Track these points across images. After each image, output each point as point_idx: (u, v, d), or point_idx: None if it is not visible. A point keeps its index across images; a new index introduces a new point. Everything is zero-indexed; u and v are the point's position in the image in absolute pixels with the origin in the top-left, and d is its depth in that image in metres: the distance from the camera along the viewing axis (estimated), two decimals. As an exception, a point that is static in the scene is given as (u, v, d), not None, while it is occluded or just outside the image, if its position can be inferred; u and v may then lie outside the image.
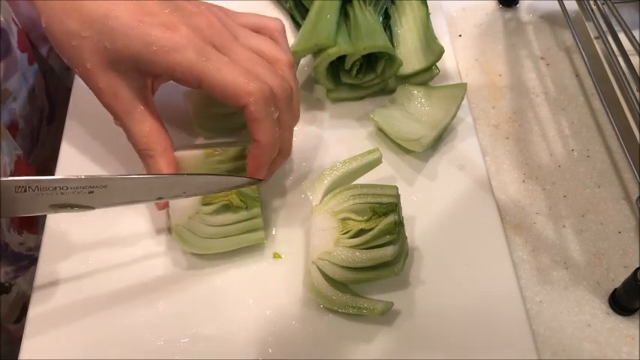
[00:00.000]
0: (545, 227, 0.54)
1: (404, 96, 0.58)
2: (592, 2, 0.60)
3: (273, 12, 0.67)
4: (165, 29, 0.43)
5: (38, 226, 0.50)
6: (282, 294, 0.48)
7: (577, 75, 0.65)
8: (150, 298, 0.47)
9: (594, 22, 0.58)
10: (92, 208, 0.43)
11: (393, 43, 0.59)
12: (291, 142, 0.50)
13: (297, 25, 0.65)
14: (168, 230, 0.51)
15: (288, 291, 0.48)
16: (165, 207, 0.49)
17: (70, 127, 0.57)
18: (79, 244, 0.50)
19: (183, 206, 0.47)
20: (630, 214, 0.54)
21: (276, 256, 0.50)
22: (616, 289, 0.49)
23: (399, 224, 0.46)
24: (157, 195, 0.45)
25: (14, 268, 0.58)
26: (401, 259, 0.46)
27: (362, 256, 0.45)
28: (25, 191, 0.41)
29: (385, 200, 0.47)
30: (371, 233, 0.45)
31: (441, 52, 0.57)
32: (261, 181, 0.47)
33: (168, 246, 0.50)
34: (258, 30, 0.50)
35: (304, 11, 0.62)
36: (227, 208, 0.48)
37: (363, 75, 0.58)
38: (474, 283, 0.48)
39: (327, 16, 0.56)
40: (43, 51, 0.65)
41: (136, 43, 0.43)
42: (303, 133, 0.57)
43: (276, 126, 0.46)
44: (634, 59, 0.54)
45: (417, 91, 0.58)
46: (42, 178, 0.41)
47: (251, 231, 0.49)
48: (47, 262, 0.49)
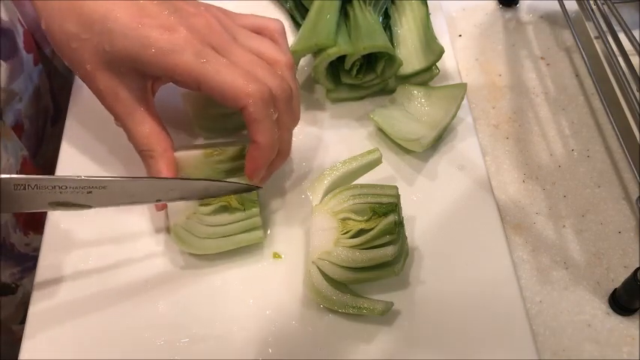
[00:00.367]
0: (545, 227, 0.54)
1: (404, 96, 0.58)
2: (592, 2, 0.60)
3: (273, 12, 0.67)
4: (163, 31, 0.43)
5: (43, 227, 0.50)
6: (282, 294, 0.48)
7: (577, 75, 0.65)
8: (150, 298, 0.47)
9: (594, 22, 0.58)
10: (90, 207, 0.43)
11: (393, 43, 0.59)
12: (290, 143, 0.50)
13: (297, 25, 0.65)
14: (167, 230, 0.51)
15: (288, 291, 0.48)
16: (164, 208, 0.49)
17: (70, 126, 0.57)
18: (79, 244, 0.50)
19: (181, 207, 0.47)
20: (630, 214, 0.54)
21: (276, 256, 0.50)
22: (616, 289, 0.49)
23: (399, 224, 0.46)
24: (155, 197, 0.45)
25: (20, 269, 0.58)
26: (401, 259, 0.46)
27: (362, 256, 0.45)
28: (24, 189, 0.41)
29: (385, 200, 0.47)
30: (371, 233, 0.45)
31: (441, 52, 0.57)
32: (259, 188, 0.48)
33: (168, 246, 0.50)
34: (257, 31, 0.50)
35: (304, 11, 0.62)
36: (225, 208, 0.48)
37: (363, 75, 0.58)
38: (474, 283, 0.48)
39: (327, 16, 0.56)
40: (48, 51, 0.65)
41: (135, 45, 0.43)
42: (303, 133, 0.57)
43: (275, 127, 0.46)
44: (634, 59, 0.54)
45: (417, 91, 0.58)
46: (41, 177, 0.41)
47: (249, 230, 0.49)
48: (47, 262, 0.49)
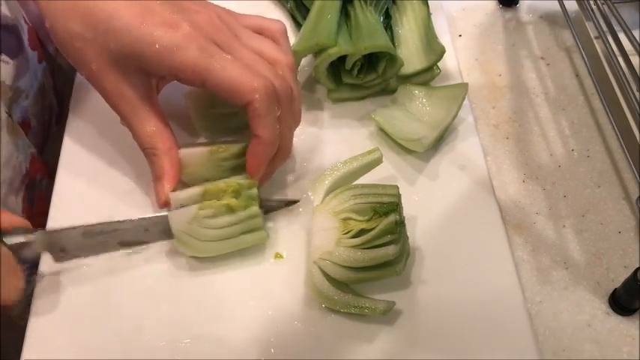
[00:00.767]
0: (545, 227, 0.54)
1: (405, 96, 0.58)
2: (592, 2, 0.60)
3: (274, 12, 0.67)
4: (167, 28, 0.43)
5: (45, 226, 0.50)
6: (283, 294, 0.48)
7: (577, 75, 0.65)
8: (152, 298, 0.47)
9: (594, 22, 0.59)
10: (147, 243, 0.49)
11: (394, 43, 0.59)
12: (291, 142, 0.50)
13: (298, 25, 0.65)
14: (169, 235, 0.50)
15: (289, 291, 0.48)
16: (166, 205, 0.49)
17: (71, 125, 0.57)
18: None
19: (181, 212, 0.47)
20: (630, 214, 0.55)
21: (278, 256, 0.50)
22: (616, 289, 0.49)
23: (400, 224, 0.46)
24: None
25: (28, 265, 0.58)
26: (402, 258, 0.46)
27: (363, 256, 0.45)
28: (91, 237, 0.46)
29: (386, 200, 0.47)
30: (372, 233, 0.45)
31: (442, 51, 0.57)
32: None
33: (170, 247, 0.50)
34: (259, 31, 0.50)
35: (305, 11, 0.62)
36: (226, 209, 0.47)
37: (364, 75, 0.58)
38: (475, 282, 0.48)
39: (328, 16, 0.56)
40: (51, 49, 0.65)
41: (140, 43, 0.43)
42: (305, 133, 0.57)
43: (277, 123, 0.46)
44: (634, 59, 0.54)
45: (418, 91, 0.58)
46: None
47: (252, 231, 0.49)
48: (49, 263, 0.49)
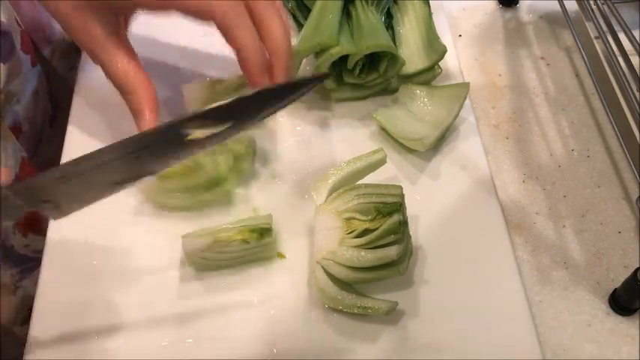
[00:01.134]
0: (545, 227, 0.54)
1: (406, 95, 0.58)
2: (592, 2, 0.60)
3: (275, 10, 0.67)
4: None
5: (43, 228, 0.50)
6: (286, 294, 0.48)
7: (577, 75, 0.66)
8: (154, 298, 0.47)
9: (594, 22, 0.59)
10: None
11: (395, 43, 0.59)
12: (285, 40, 0.48)
13: (299, 25, 0.65)
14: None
15: (292, 291, 0.48)
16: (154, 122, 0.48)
17: (72, 129, 0.57)
18: (83, 248, 0.50)
19: (195, 241, 0.47)
20: (630, 214, 0.55)
21: (281, 256, 0.50)
22: (616, 289, 0.50)
23: (404, 224, 0.47)
24: None
25: (19, 270, 0.58)
26: (405, 258, 0.47)
27: (367, 256, 0.45)
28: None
29: (390, 200, 0.47)
30: (375, 233, 0.45)
31: (444, 51, 0.57)
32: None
33: (172, 248, 0.50)
34: None
35: (306, 11, 0.62)
36: (241, 241, 0.47)
37: (365, 75, 0.58)
38: (477, 282, 0.48)
39: (330, 16, 0.56)
40: (46, 53, 0.65)
41: None
42: (306, 132, 0.57)
43: (252, 31, 0.45)
44: (634, 59, 0.54)
45: (419, 91, 0.58)
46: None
47: (265, 253, 0.49)
48: (50, 263, 0.49)
